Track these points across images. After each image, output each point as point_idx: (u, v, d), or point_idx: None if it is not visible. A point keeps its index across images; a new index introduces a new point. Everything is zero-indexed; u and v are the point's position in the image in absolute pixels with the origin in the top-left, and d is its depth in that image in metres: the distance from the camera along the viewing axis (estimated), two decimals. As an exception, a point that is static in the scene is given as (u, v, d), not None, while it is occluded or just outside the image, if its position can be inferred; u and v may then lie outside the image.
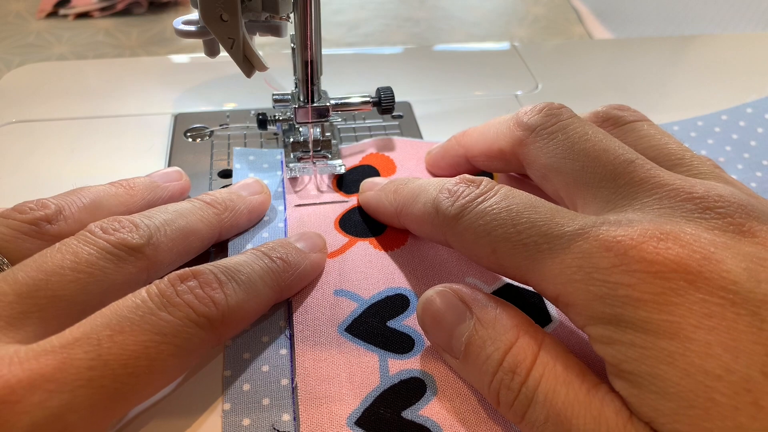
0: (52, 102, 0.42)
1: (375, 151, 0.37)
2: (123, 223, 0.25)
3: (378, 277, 0.29)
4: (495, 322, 0.23)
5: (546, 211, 0.23)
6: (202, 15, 0.29)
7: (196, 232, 0.28)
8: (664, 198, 0.22)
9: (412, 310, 0.28)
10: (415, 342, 0.27)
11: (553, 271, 0.22)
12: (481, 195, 0.25)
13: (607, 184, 0.24)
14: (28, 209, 0.26)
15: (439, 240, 0.27)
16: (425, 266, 0.30)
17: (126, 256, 0.24)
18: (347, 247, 0.31)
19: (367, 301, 0.28)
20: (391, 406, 0.24)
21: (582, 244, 0.21)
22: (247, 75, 0.32)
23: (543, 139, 0.27)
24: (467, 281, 0.29)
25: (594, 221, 0.22)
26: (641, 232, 0.21)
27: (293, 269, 0.27)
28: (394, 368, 0.26)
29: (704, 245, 0.20)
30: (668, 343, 0.19)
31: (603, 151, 0.25)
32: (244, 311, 0.24)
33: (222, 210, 0.29)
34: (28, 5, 0.65)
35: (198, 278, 0.23)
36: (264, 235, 0.31)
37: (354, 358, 0.26)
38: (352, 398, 0.25)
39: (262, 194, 0.32)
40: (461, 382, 0.25)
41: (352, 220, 0.33)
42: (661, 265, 0.20)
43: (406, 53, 0.51)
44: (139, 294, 0.22)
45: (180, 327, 0.22)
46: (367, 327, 0.27)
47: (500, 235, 0.23)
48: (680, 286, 0.20)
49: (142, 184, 0.31)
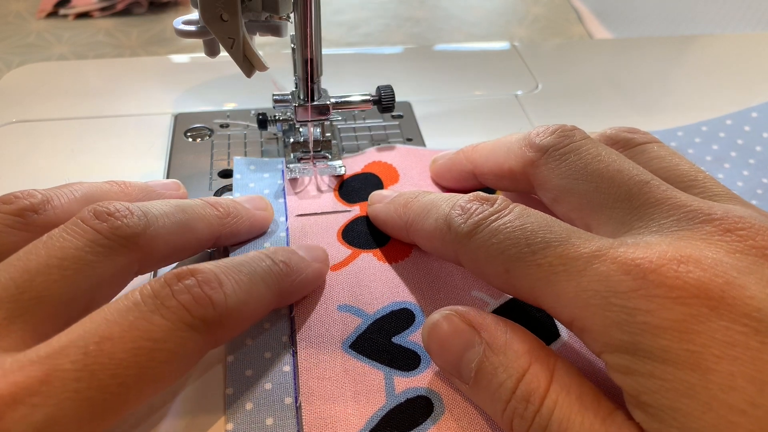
0: (52, 102, 0.42)
1: (377, 159, 0.37)
2: (118, 207, 0.24)
3: (382, 291, 0.29)
4: (506, 348, 0.22)
5: (562, 231, 0.22)
6: (202, 15, 0.29)
7: (195, 230, 0.27)
8: (682, 220, 0.22)
9: (417, 326, 0.27)
10: (421, 359, 0.26)
11: (568, 294, 0.21)
12: (495, 213, 0.24)
13: (621, 205, 0.23)
14: (13, 198, 0.25)
15: (450, 257, 0.26)
16: (430, 279, 0.29)
17: (118, 247, 0.23)
18: (351, 259, 0.30)
19: (371, 317, 0.28)
20: (398, 427, 0.24)
21: (599, 266, 0.20)
22: (247, 75, 0.32)
23: (555, 160, 0.26)
24: (473, 294, 0.29)
25: (611, 243, 0.21)
26: (660, 254, 0.20)
27: (296, 275, 0.26)
28: (400, 387, 0.25)
29: (726, 269, 0.19)
30: (689, 375, 0.18)
31: (617, 171, 0.24)
32: (243, 313, 0.23)
33: (224, 214, 0.29)
34: (28, 5, 0.65)
35: (196, 276, 0.22)
36: (266, 245, 0.31)
37: (359, 376, 0.25)
38: (358, 418, 0.24)
39: (265, 211, 0.31)
40: (469, 401, 0.25)
41: (355, 231, 0.32)
42: (682, 290, 0.19)
43: (406, 53, 0.51)
44: (132, 295, 0.21)
45: (173, 331, 0.20)
46: (372, 344, 0.27)
47: (514, 255, 0.22)
48: (702, 312, 0.19)
49: (137, 186, 0.30)
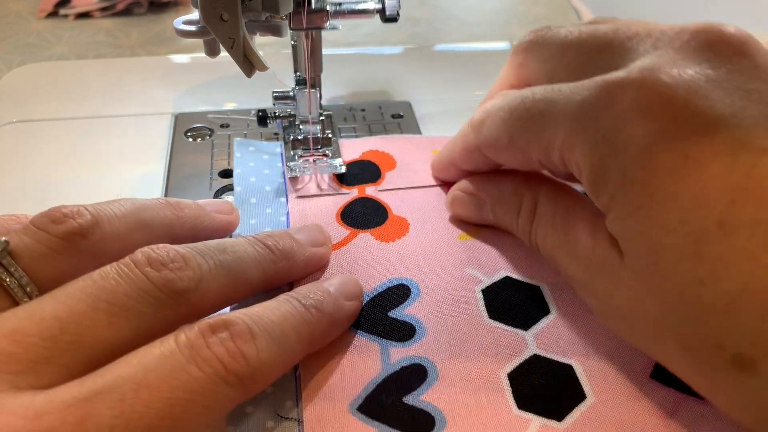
0: (52, 102, 0.42)
1: (374, 148, 0.38)
2: (173, 256, 0.23)
3: (380, 269, 0.30)
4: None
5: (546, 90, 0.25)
6: (203, 15, 0.29)
7: (248, 279, 0.25)
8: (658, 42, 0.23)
9: (413, 299, 0.28)
10: (416, 329, 0.27)
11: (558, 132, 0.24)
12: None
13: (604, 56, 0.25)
14: (62, 216, 0.23)
15: (474, 155, 0.31)
16: (426, 256, 0.30)
17: (168, 300, 0.22)
18: (349, 239, 0.31)
19: (368, 294, 0.28)
20: (393, 393, 0.25)
21: (583, 99, 0.23)
22: (248, 75, 0.32)
23: (537, 48, 0.29)
24: (467, 272, 0.30)
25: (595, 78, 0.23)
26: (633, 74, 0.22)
27: (326, 319, 0.25)
28: (395, 356, 0.26)
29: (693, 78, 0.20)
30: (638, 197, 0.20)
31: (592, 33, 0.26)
32: (276, 366, 0.22)
33: (280, 258, 0.27)
34: (28, 5, 0.65)
35: (230, 329, 0.21)
36: (267, 228, 0.32)
37: (356, 348, 0.26)
38: (354, 386, 0.25)
39: (324, 247, 0.30)
40: (463, 367, 0.25)
41: (353, 212, 0.33)
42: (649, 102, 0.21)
43: (406, 53, 0.51)
44: (167, 343, 0.20)
45: (209, 385, 0.20)
46: (369, 319, 0.27)
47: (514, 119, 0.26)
48: (666, 127, 0.20)
49: (190, 208, 0.28)
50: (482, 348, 0.26)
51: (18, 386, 0.18)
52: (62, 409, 0.18)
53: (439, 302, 0.28)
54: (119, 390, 0.18)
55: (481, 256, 0.30)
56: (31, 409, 0.18)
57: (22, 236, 0.23)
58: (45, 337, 0.19)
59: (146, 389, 0.19)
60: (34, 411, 0.18)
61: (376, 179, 0.35)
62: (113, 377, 0.19)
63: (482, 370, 0.25)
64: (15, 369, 0.19)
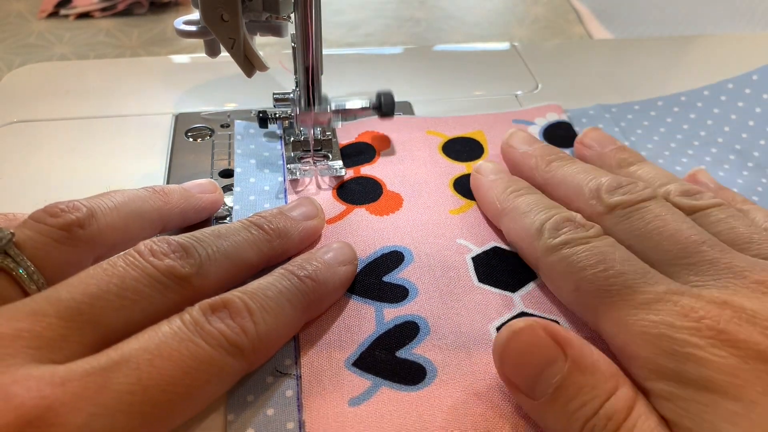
0: (52, 102, 0.42)
1: (370, 129, 0.39)
2: (173, 246, 0.25)
3: (374, 238, 0.31)
4: (594, 369, 0.22)
5: (640, 267, 0.25)
6: (203, 15, 0.29)
7: (245, 260, 0.27)
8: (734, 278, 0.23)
9: (406, 264, 0.30)
10: (409, 291, 0.29)
11: (628, 321, 0.23)
12: (586, 237, 0.26)
13: (679, 262, 0.25)
14: (59, 211, 0.25)
15: (529, 258, 0.29)
16: (420, 227, 0.32)
17: (172, 284, 0.24)
18: (345, 214, 0.33)
19: (363, 261, 0.30)
20: (386, 348, 0.26)
21: (663, 306, 0.22)
22: (248, 75, 0.32)
23: (620, 217, 0.28)
24: (458, 242, 0.31)
25: (679, 288, 0.23)
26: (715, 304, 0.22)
27: (322, 288, 0.27)
28: (389, 316, 0.28)
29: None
30: (732, 404, 0.20)
31: (676, 231, 0.26)
32: (274, 338, 0.24)
33: (274, 237, 0.28)
34: (29, 5, 0.65)
35: (228, 308, 0.23)
36: (265, 205, 0.33)
37: (351, 311, 0.28)
38: (350, 344, 0.26)
39: (316, 219, 0.31)
40: (452, 322, 0.27)
41: (349, 189, 0.35)
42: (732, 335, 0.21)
43: (406, 53, 0.51)
44: (174, 321, 0.22)
45: (215, 355, 0.22)
46: (364, 284, 0.29)
47: (589, 276, 0.25)
48: (749, 354, 0.20)
49: (176, 192, 0.30)
50: (472, 306, 0.28)
51: (39, 360, 0.20)
52: (84, 377, 0.19)
53: (432, 267, 0.30)
54: (135, 360, 0.20)
55: (471, 228, 0.32)
56: (57, 377, 0.19)
57: (23, 229, 0.24)
58: (62, 316, 0.21)
59: (159, 359, 0.20)
60: (60, 378, 0.19)
61: (371, 159, 0.37)
62: (128, 350, 0.21)
63: (472, 325, 0.27)
64: (36, 344, 0.20)
